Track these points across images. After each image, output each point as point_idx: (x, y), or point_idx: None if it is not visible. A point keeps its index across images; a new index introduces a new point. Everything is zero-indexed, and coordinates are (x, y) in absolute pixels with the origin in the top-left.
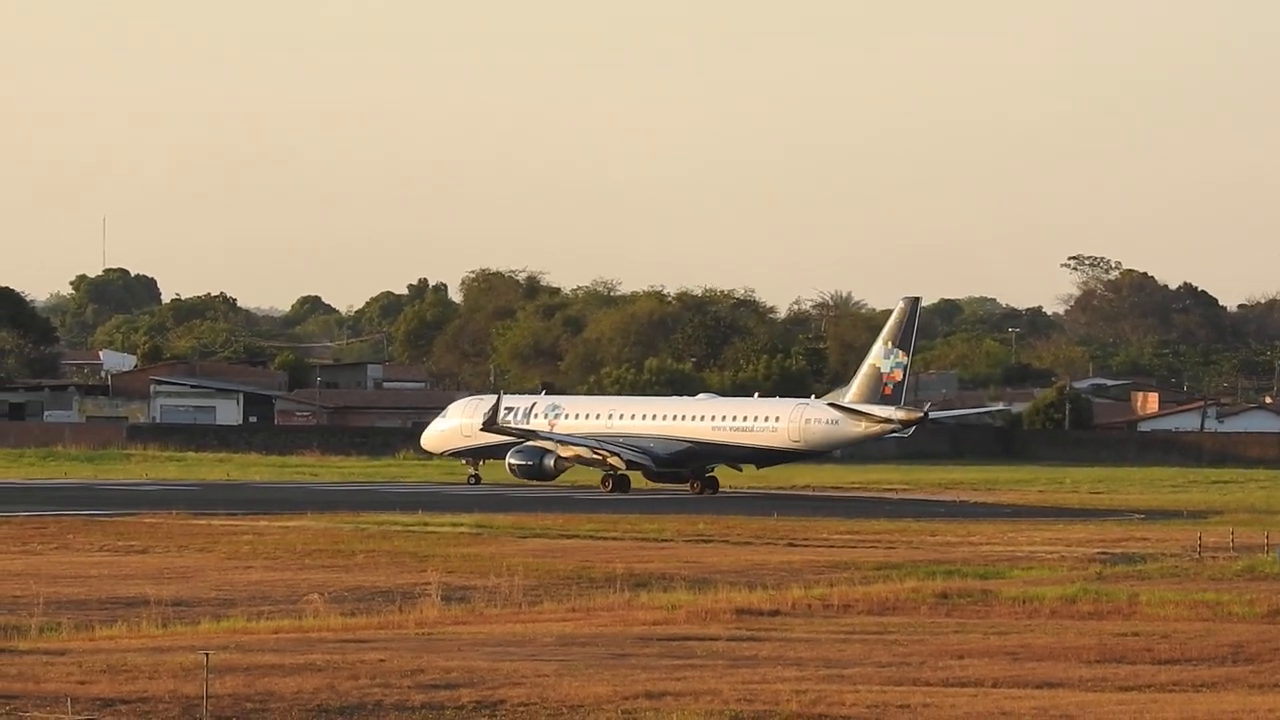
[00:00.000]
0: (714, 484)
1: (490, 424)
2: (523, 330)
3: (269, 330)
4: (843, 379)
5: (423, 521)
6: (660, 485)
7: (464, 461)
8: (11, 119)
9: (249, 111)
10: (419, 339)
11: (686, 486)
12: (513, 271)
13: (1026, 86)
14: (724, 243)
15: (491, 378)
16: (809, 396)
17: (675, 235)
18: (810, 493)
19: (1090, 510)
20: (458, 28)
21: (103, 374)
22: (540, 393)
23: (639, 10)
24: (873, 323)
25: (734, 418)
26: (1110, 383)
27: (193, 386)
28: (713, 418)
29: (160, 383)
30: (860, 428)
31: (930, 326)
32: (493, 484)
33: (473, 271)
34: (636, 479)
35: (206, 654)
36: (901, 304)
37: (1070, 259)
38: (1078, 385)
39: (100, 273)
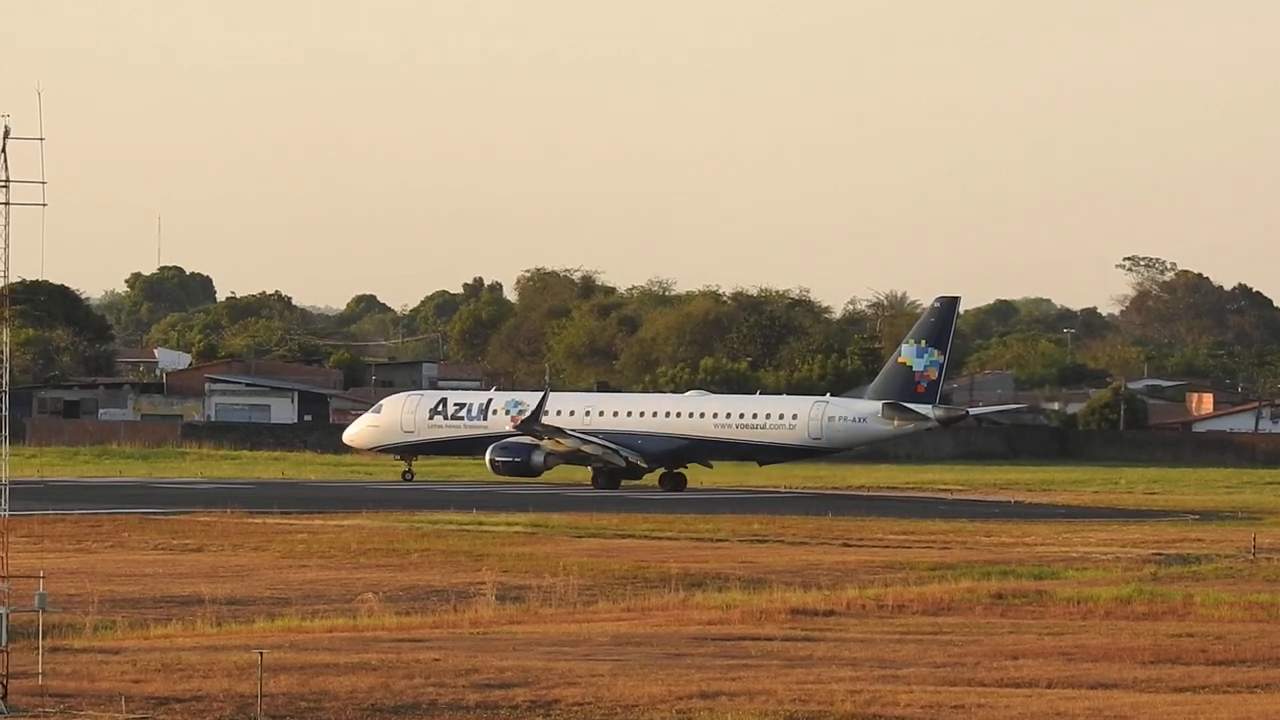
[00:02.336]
0: (681, 481)
1: (530, 422)
2: (578, 329)
3: (324, 329)
4: None
5: (478, 521)
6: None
7: (396, 458)
8: (68, 116)
9: (302, 110)
10: (474, 338)
11: (641, 482)
12: (568, 271)
13: (1082, 88)
14: (779, 242)
15: (546, 377)
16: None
17: (731, 235)
18: (865, 493)
19: (1145, 511)
20: (511, 24)
21: (158, 372)
22: (490, 388)
23: (688, 8)
24: None
25: (741, 415)
26: (1165, 383)
27: (248, 385)
28: (715, 415)
29: (215, 381)
30: (891, 426)
31: (986, 327)
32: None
33: (528, 270)
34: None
35: (261, 653)
36: (936, 303)
37: (1125, 260)
38: (1133, 386)
39: (155, 271)
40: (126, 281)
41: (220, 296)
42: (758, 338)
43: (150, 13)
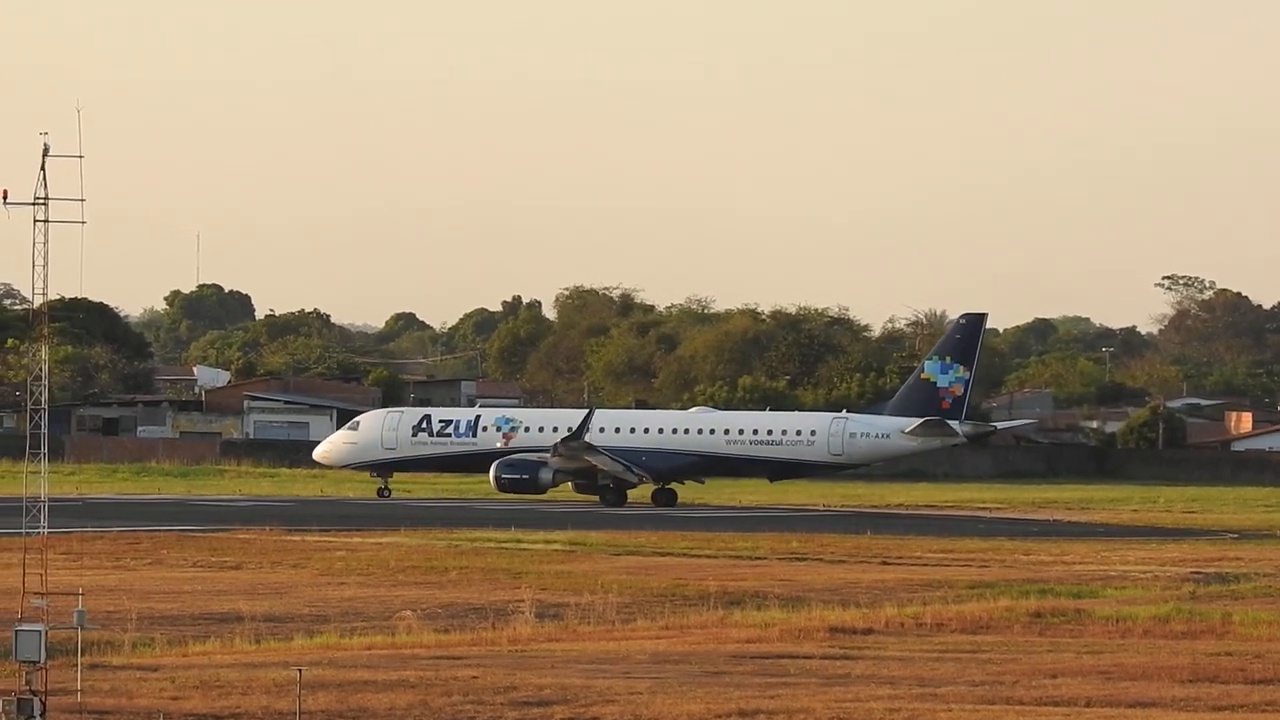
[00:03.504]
0: (673, 497)
1: (574, 439)
2: (616, 347)
3: (363, 346)
4: None
5: (516, 538)
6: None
7: (373, 475)
8: (107, 134)
9: (342, 128)
10: (513, 356)
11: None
12: (607, 289)
13: (1123, 105)
14: (818, 260)
15: (585, 395)
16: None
17: (769, 253)
18: (903, 511)
19: (1184, 530)
20: (549, 43)
21: (196, 390)
22: (477, 403)
23: (728, 27)
24: None
25: (755, 431)
26: (1204, 402)
27: (286, 403)
28: (726, 430)
29: (254, 398)
30: (915, 443)
31: (1025, 345)
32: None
33: (567, 288)
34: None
35: (299, 670)
36: (962, 320)
37: (1164, 279)
38: (1171, 405)
39: (194, 288)
40: (165, 299)
41: (259, 314)
42: (796, 356)
43: (189, 31)
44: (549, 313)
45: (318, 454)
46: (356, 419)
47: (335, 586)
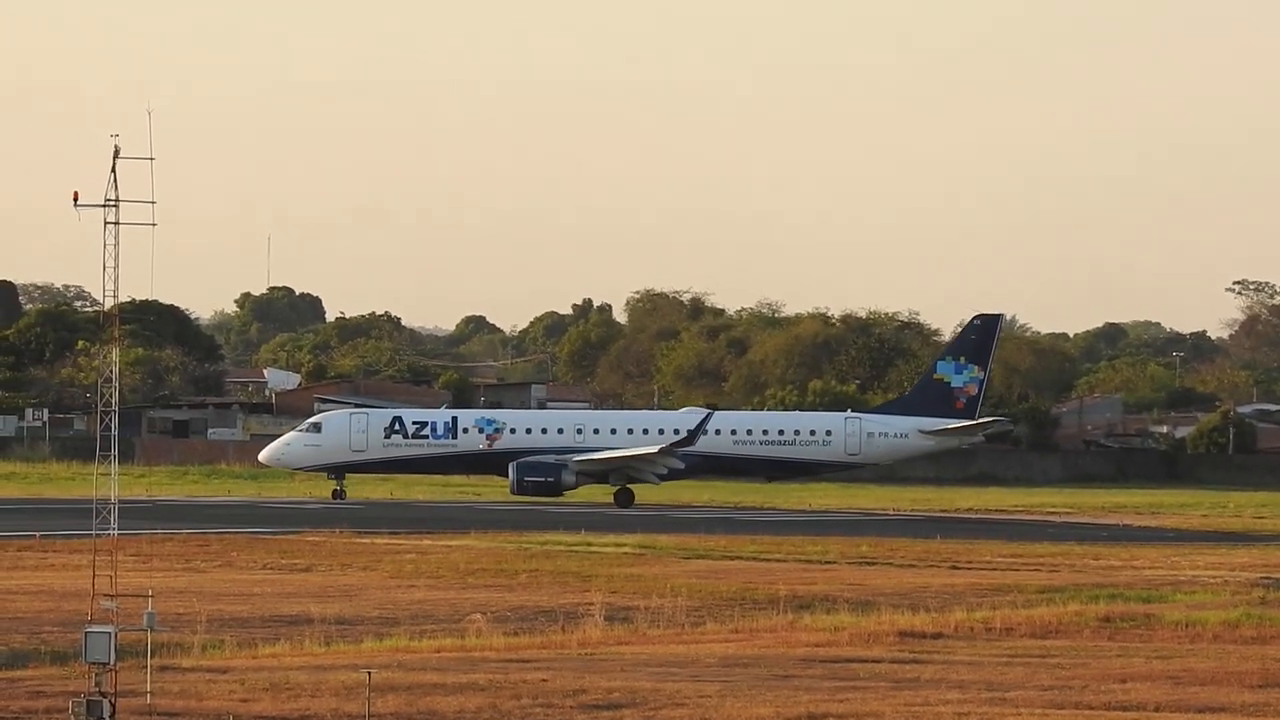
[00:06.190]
0: (629, 497)
1: (686, 442)
2: (687, 351)
3: (433, 349)
4: (1006, 402)
5: (586, 541)
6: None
7: (329, 476)
8: (178, 136)
9: (412, 131)
10: (583, 359)
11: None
12: (677, 292)
13: (1194, 112)
14: (889, 264)
15: (655, 399)
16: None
17: (840, 256)
18: (973, 516)
19: (1254, 535)
20: (620, 46)
21: (267, 392)
22: (444, 405)
23: (790, 30)
24: (1037, 346)
25: (765, 431)
26: (1274, 407)
27: (357, 405)
28: (733, 431)
29: (324, 401)
30: (931, 442)
31: (1095, 350)
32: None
33: (637, 292)
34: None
35: (369, 672)
36: (976, 320)
37: (1235, 284)
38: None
39: (265, 291)
40: (236, 301)
41: (330, 317)
42: (866, 360)
43: (261, 33)
44: (619, 316)
45: (266, 456)
46: (314, 420)
47: (405, 589)
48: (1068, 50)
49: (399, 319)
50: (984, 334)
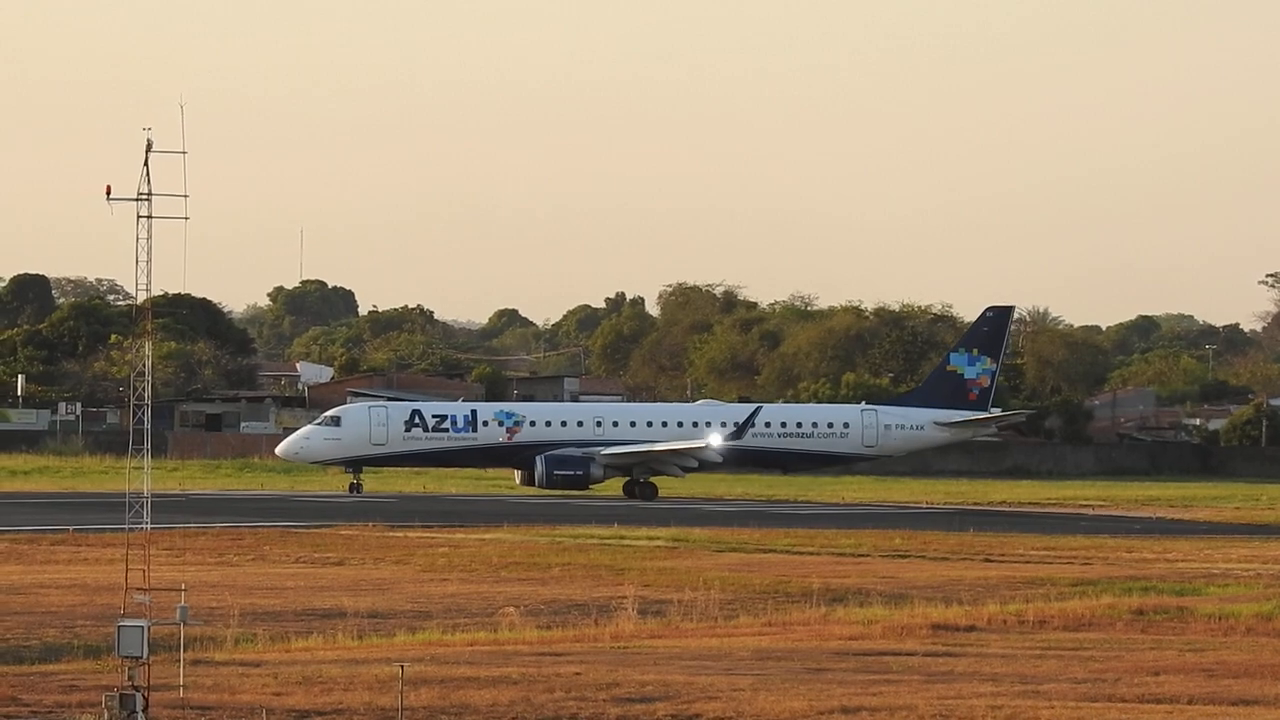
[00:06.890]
0: (651, 490)
1: (738, 435)
2: (720, 344)
3: (466, 343)
4: (1039, 395)
5: (619, 535)
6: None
7: (345, 470)
8: (211, 130)
9: (444, 125)
10: (616, 352)
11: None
12: (710, 285)
13: (1229, 105)
14: (922, 257)
15: (688, 391)
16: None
17: (873, 249)
18: (1006, 509)
19: None
20: (652, 42)
21: (299, 386)
22: (460, 399)
23: (819, 23)
24: (1070, 339)
25: (784, 424)
26: None
27: (390, 399)
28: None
29: (357, 394)
30: (947, 434)
31: (1128, 343)
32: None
33: (670, 285)
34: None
35: (402, 666)
36: (989, 313)
37: (1268, 276)
38: (1275, 402)
39: (298, 284)
40: (269, 295)
41: (362, 310)
42: (900, 353)
43: (293, 27)
44: (652, 309)
45: (284, 449)
46: (332, 413)
47: (438, 583)
48: (1102, 42)
49: (431, 312)
50: (996, 326)
